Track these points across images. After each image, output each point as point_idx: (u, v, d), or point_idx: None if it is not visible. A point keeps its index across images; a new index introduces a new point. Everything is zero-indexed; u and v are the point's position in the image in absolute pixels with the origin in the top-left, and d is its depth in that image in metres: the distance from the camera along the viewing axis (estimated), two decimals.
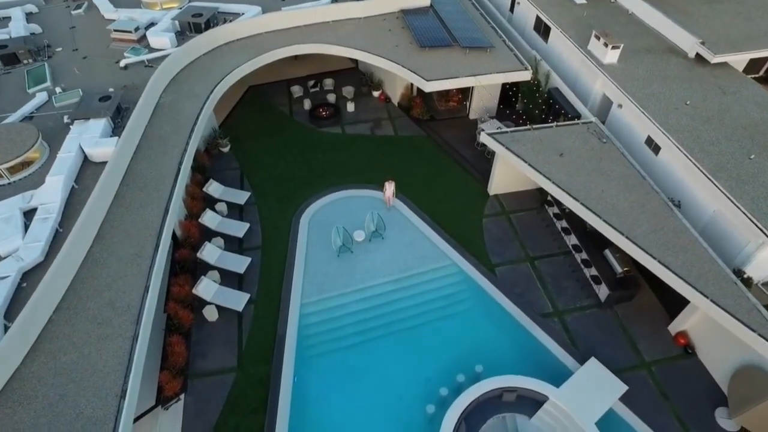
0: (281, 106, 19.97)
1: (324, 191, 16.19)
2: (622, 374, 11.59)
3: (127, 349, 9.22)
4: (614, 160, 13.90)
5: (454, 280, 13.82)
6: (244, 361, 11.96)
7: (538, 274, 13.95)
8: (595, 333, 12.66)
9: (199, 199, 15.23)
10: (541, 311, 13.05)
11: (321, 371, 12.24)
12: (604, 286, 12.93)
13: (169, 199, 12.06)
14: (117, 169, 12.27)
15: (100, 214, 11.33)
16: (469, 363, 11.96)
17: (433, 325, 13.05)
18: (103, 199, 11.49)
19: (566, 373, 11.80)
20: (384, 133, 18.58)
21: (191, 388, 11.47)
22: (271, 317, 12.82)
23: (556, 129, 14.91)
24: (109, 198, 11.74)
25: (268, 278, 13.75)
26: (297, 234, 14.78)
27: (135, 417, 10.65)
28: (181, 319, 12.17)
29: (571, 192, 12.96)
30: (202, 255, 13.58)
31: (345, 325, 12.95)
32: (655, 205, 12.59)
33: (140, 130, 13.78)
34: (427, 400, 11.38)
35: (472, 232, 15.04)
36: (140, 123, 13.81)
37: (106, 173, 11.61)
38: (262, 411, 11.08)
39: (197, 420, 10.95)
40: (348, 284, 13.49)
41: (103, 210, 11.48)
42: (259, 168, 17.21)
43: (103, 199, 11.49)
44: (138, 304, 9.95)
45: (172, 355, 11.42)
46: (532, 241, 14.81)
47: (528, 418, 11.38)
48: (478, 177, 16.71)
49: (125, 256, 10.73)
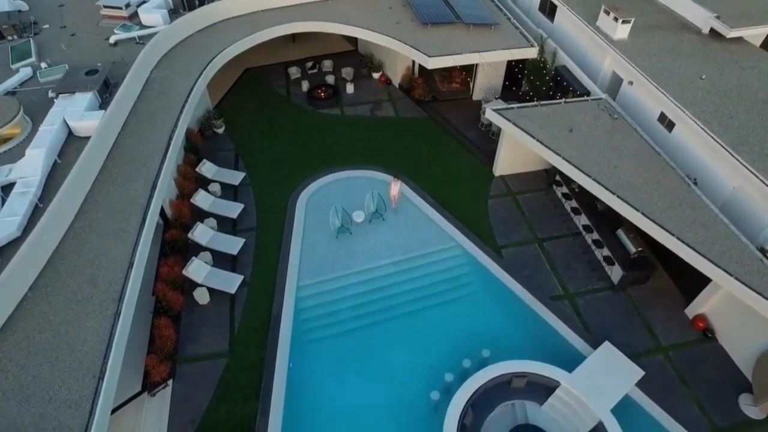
0: (278, 88, 19.28)
1: (322, 172, 15.53)
2: (637, 359, 10.92)
3: (108, 327, 8.55)
4: (626, 136, 13.23)
5: (458, 262, 13.14)
6: (236, 346, 11.29)
7: (547, 256, 13.28)
8: (608, 316, 11.99)
9: (192, 179, 14.56)
10: (550, 294, 12.37)
11: (318, 357, 11.55)
12: (618, 267, 12.26)
13: (157, 174, 11.39)
14: (103, 142, 11.61)
15: (83, 188, 10.66)
16: (475, 348, 11.26)
17: (437, 309, 12.36)
18: (87, 172, 10.83)
19: (578, 358, 11.11)
20: (384, 114, 17.90)
21: (180, 374, 10.80)
22: (265, 300, 12.15)
23: (564, 105, 14.24)
24: (93, 172, 11.08)
25: (262, 260, 13.08)
26: (294, 215, 14.09)
27: (119, 404, 10.20)
28: (170, 301, 11.48)
29: (582, 168, 12.29)
30: (193, 236, 12.90)
31: (344, 309, 12.26)
32: (671, 180, 11.92)
33: (129, 105, 13.11)
34: (431, 387, 10.71)
35: (477, 213, 14.36)
36: (129, 97, 13.14)
37: (90, 145, 10.95)
38: (255, 398, 10.40)
39: (186, 407, 10.27)
40: (347, 266, 12.81)
41: (87, 184, 10.81)
42: (255, 149, 16.55)
43: (87, 172, 10.83)
44: (121, 281, 9.28)
45: (160, 339, 10.74)
46: (540, 223, 14.13)
47: (539, 405, 10.69)
48: (482, 158, 16.05)
49: (109, 231, 10.07)
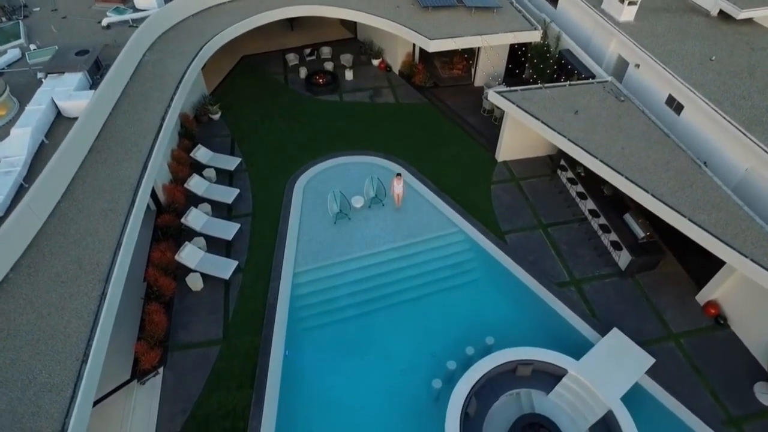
0: (276, 75, 18.84)
1: (320, 158, 15.10)
2: (647, 346, 10.49)
3: (93, 309, 8.13)
4: (634, 118, 12.81)
5: (461, 248, 12.70)
6: (230, 333, 10.86)
7: (552, 242, 12.85)
8: (616, 303, 11.56)
9: (186, 165, 14.13)
10: (556, 280, 11.93)
11: (315, 345, 11.11)
12: (626, 252, 11.84)
13: (149, 154, 10.99)
14: (92, 122, 11.18)
15: (70, 168, 10.23)
16: (478, 335, 10.82)
17: (438, 296, 11.92)
18: (75, 151, 10.40)
19: (586, 345, 10.68)
20: (384, 100, 17.47)
21: (171, 362, 10.37)
22: (260, 287, 11.72)
23: (569, 88, 13.81)
24: (81, 152, 10.65)
25: (258, 246, 12.65)
26: (290, 201, 13.65)
27: (107, 392, 9.78)
28: (162, 287, 11.06)
29: (588, 149, 11.92)
30: (186, 221, 12.47)
31: (342, 296, 11.81)
32: (681, 162, 11.51)
33: (120, 86, 12.68)
34: (433, 376, 10.27)
35: (480, 199, 13.93)
36: (120, 78, 12.72)
37: (78, 124, 10.52)
38: (249, 386, 9.97)
39: (177, 395, 9.85)
40: (345, 252, 12.37)
41: (75, 164, 10.38)
42: (252, 135, 16.12)
43: (75, 151, 10.40)
44: (108, 262, 8.85)
45: (150, 325, 10.31)
46: (544, 208, 13.69)
47: (545, 394, 10.28)
48: (485, 144, 15.63)
49: (97, 211, 9.64)
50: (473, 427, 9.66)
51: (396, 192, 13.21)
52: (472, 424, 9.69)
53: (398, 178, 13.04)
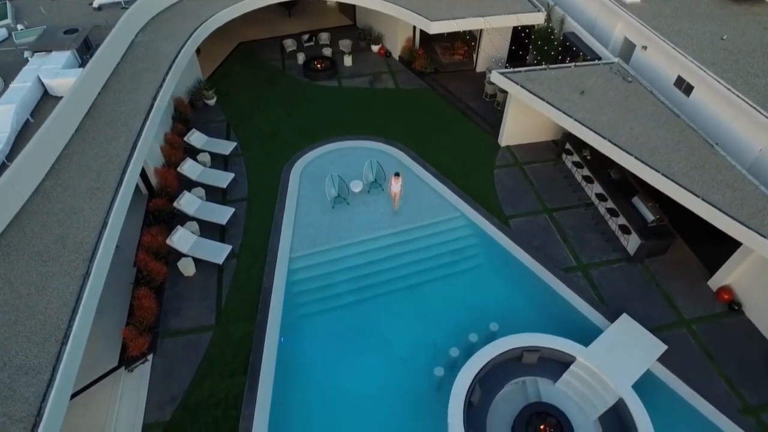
0: (273, 61, 18.40)
1: (318, 143, 14.66)
2: (658, 333, 10.04)
3: (76, 289, 7.69)
4: (642, 99, 12.36)
5: (463, 233, 12.26)
6: (223, 320, 10.42)
7: (558, 227, 12.41)
8: (624, 288, 11.12)
9: (179, 149, 13.70)
10: (563, 265, 11.49)
11: (312, 332, 10.68)
12: (635, 236, 11.41)
13: (139, 133, 10.56)
14: (79, 100, 10.73)
15: (55, 146, 9.78)
16: (482, 322, 10.40)
17: (440, 283, 11.48)
18: (60, 129, 9.94)
19: (594, 331, 10.22)
20: (384, 86, 17.06)
21: (161, 349, 9.93)
22: (255, 272, 11.27)
23: (574, 69, 13.37)
24: (67, 130, 10.20)
25: (253, 231, 12.19)
26: (287, 186, 13.21)
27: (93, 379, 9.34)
28: (152, 271, 10.60)
29: (596, 129, 11.51)
30: (179, 204, 12.02)
31: (340, 282, 11.37)
32: (692, 142, 11.06)
33: (110, 65, 12.23)
34: (435, 363, 9.82)
35: (483, 183, 13.49)
36: (111, 57, 12.27)
37: (64, 101, 10.06)
38: (242, 373, 9.53)
39: (166, 383, 9.40)
40: (343, 237, 11.92)
41: (60, 142, 9.93)
42: (248, 120, 15.68)
43: (60, 129, 9.94)
44: (93, 241, 8.41)
45: (139, 310, 9.86)
46: (549, 193, 13.25)
47: (552, 382, 9.85)
48: (487, 128, 15.18)
49: (83, 190, 9.19)
50: (477, 416, 9.26)
51: (394, 191, 12.26)
52: (475, 414, 9.28)
53: (396, 177, 11.94)
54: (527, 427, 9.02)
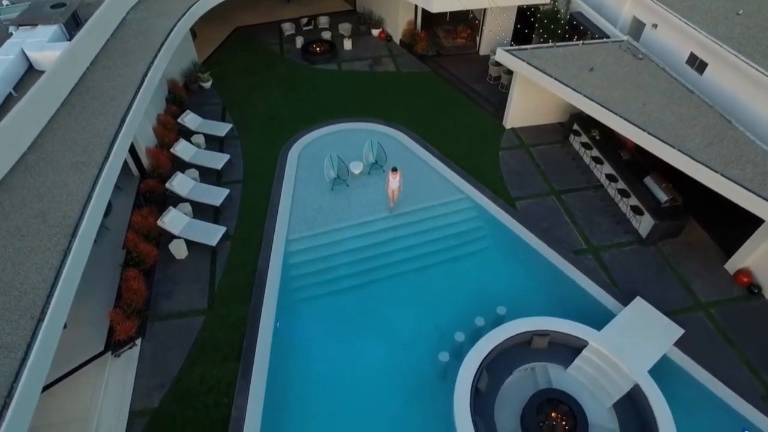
0: (271, 45, 17.91)
1: (317, 125, 14.15)
2: (673, 317, 9.52)
3: (56, 265, 7.19)
4: (654, 76, 11.87)
5: (468, 215, 11.74)
6: (215, 303, 9.90)
7: (566, 209, 11.90)
8: (637, 271, 10.61)
9: (173, 130, 13.20)
10: (572, 248, 10.98)
11: (309, 317, 10.16)
12: (648, 217, 10.90)
13: (128, 108, 10.08)
14: (65, 73, 10.18)
15: (38, 119, 9.25)
16: (489, 306, 9.86)
17: (445, 266, 10.98)
18: (43, 102, 9.41)
19: (607, 315, 9.72)
20: (385, 69, 16.60)
21: (150, 333, 9.41)
22: (250, 255, 10.77)
23: (582, 47, 12.88)
24: (52, 103, 9.67)
25: (248, 212, 11.68)
26: (284, 167, 12.70)
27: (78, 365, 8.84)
28: (142, 253, 10.11)
29: (606, 105, 11.03)
30: (171, 185, 11.51)
31: (339, 265, 10.86)
32: (708, 118, 10.57)
33: (100, 41, 11.69)
34: (439, 349, 9.31)
35: (488, 165, 12.99)
36: (100, 32, 11.74)
37: (48, 74, 9.55)
38: (235, 359, 9.01)
39: (155, 369, 8.88)
40: (343, 219, 11.41)
41: (44, 115, 9.40)
42: (244, 103, 15.17)
43: (43, 102, 9.41)
44: (77, 215, 7.90)
45: (127, 292, 9.35)
46: (557, 175, 12.75)
47: (563, 368, 9.34)
48: (491, 111, 14.69)
49: (67, 164, 8.69)
50: (484, 403, 8.74)
51: (391, 188, 11.27)
52: (482, 401, 8.77)
53: (394, 173, 11.01)
54: (538, 415, 8.56)
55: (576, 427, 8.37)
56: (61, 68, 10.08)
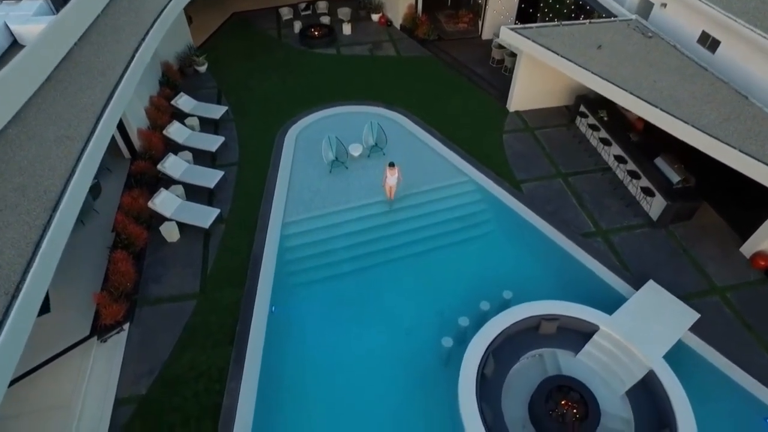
0: (269, 30, 17.50)
1: (315, 108, 13.70)
2: (688, 301, 9.05)
3: (34, 239, 6.74)
4: (664, 53, 11.44)
5: (472, 198, 11.31)
6: (208, 287, 9.44)
7: (574, 191, 11.46)
8: (649, 255, 10.16)
9: (166, 112, 12.76)
10: (580, 231, 10.56)
11: (306, 302, 9.70)
12: (659, 198, 10.46)
13: (117, 83, 9.66)
14: (50, 47, 9.70)
15: (20, 93, 8.75)
16: (494, 290, 9.40)
17: (448, 250, 10.53)
18: (26, 75, 8.95)
19: (618, 299, 9.28)
20: (385, 53, 16.21)
21: (139, 318, 8.96)
22: (245, 238, 10.33)
23: (589, 26, 12.43)
24: (36, 77, 9.20)
25: (244, 195, 11.24)
26: (281, 150, 12.26)
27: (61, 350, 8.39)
28: (132, 235, 9.69)
29: (616, 82, 10.62)
30: (164, 167, 11.07)
31: (337, 249, 10.42)
32: (723, 94, 10.13)
33: (89, 16, 11.22)
34: (442, 334, 8.83)
35: (491, 148, 12.54)
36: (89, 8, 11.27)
37: (31, 46, 9.09)
38: (227, 344, 8.56)
39: (143, 354, 8.42)
40: (341, 202, 10.99)
41: (27, 89, 8.94)
42: (240, 87, 14.73)
43: (26, 75, 8.95)
44: (59, 189, 7.45)
45: (115, 274, 8.90)
46: (563, 158, 12.31)
47: (573, 354, 8.90)
48: (495, 94, 14.26)
49: (51, 137, 8.23)
50: (490, 391, 8.30)
51: (389, 184, 10.66)
52: (488, 388, 8.33)
53: (392, 168, 10.42)
54: (547, 403, 8.13)
55: (588, 415, 7.99)
56: (45, 41, 9.60)
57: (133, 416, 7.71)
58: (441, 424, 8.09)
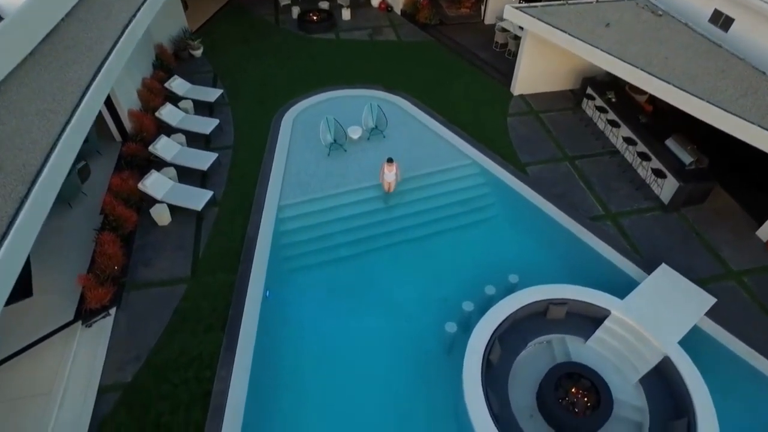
0: (266, 15, 17.08)
1: (313, 92, 13.28)
2: (702, 285, 8.61)
3: (10, 213, 6.32)
4: (675, 31, 11.01)
5: (475, 181, 10.89)
6: (199, 271, 9.00)
7: (581, 174, 11.03)
8: (660, 238, 9.73)
9: (159, 95, 12.33)
10: (589, 214, 10.15)
11: (302, 287, 9.28)
12: (671, 180, 10.01)
13: (105, 57, 9.27)
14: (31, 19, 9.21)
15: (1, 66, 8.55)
16: (500, 274, 8.99)
17: (451, 234, 10.15)
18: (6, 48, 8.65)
19: (629, 283, 8.83)
20: (385, 38, 15.82)
21: (126, 302, 8.52)
22: (239, 221, 9.89)
23: (596, 4, 11.98)
24: (17, 51, 8.77)
25: (238, 178, 10.81)
26: (278, 133, 11.83)
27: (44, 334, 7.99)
28: (120, 217, 9.28)
29: (626, 59, 10.21)
30: (155, 149, 10.65)
31: (335, 233, 10.00)
32: (739, 70, 9.68)
33: None
34: (445, 321, 8.48)
35: (495, 131, 12.11)
36: None
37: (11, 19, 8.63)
38: (219, 329, 8.11)
39: (131, 340, 7.98)
40: (340, 185, 10.57)
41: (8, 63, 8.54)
42: (237, 71, 14.30)
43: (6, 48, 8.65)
44: (39, 163, 7.05)
45: (101, 256, 8.46)
46: (569, 141, 11.88)
47: (583, 341, 8.49)
48: (498, 78, 13.83)
49: (32, 111, 7.78)
50: (496, 379, 7.87)
51: (387, 180, 10.22)
52: (494, 376, 7.90)
53: (389, 164, 9.99)
54: (556, 391, 7.70)
55: (600, 403, 7.56)
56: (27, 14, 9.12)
57: (118, 404, 7.27)
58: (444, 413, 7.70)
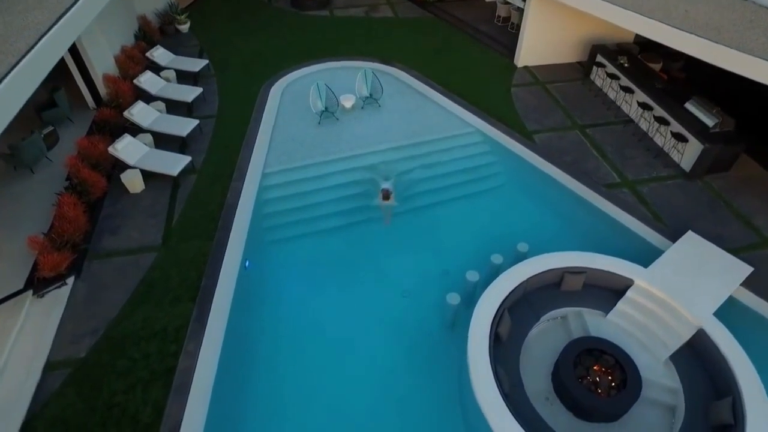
0: None
1: (304, 64, 12.49)
2: (736, 255, 7.68)
3: None
4: None
5: (479, 149, 10.03)
6: (171, 239, 8.04)
7: (593, 143, 10.13)
8: (683, 206, 8.77)
9: (139, 63, 11.55)
10: (604, 182, 9.25)
11: (286, 259, 8.36)
12: (695, 143, 9.08)
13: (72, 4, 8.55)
14: None
15: None
16: (508, 244, 8.06)
17: (453, 204, 9.24)
18: None
19: (652, 252, 7.88)
20: (382, 15, 15.17)
21: (87, 272, 7.55)
22: (218, 188, 8.93)
23: None
24: None
25: (220, 146, 9.93)
26: (265, 103, 10.98)
27: None
28: (86, 181, 8.40)
29: (643, 13, 9.45)
30: (130, 114, 9.77)
31: (324, 202, 9.09)
32: None
33: None
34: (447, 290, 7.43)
35: (499, 100, 11.27)
36: None
37: None
38: (189, 300, 7.13)
39: (88, 312, 7.00)
40: (330, 152, 9.70)
41: None
42: (225, 46, 13.51)
43: None
44: None
45: (60, 220, 7.57)
46: (579, 110, 11.02)
47: (603, 315, 7.52)
48: (501, 50, 13.05)
49: None
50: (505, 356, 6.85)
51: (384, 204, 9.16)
52: (503, 353, 6.89)
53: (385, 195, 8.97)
54: (575, 369, 6.70)
55: (626, 382, 6.55)
56: None
57: (67, 382, 6.24)
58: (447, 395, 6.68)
